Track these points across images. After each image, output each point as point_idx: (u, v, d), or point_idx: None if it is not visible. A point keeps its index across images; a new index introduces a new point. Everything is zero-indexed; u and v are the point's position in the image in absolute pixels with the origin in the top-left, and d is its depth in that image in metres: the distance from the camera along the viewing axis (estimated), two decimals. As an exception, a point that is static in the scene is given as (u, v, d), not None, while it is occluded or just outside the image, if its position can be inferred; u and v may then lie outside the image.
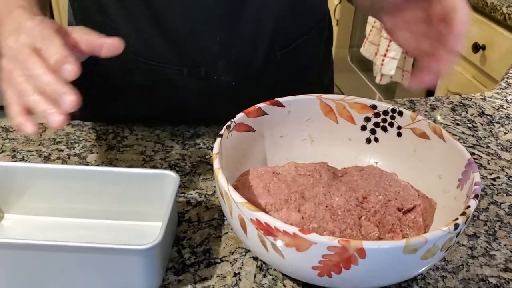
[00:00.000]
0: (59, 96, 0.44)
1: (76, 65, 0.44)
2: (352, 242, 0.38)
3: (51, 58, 0.44)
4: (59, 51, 0.44)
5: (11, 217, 0.54)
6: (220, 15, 0.63)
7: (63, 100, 0.43)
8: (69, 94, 0.43)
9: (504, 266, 0.52)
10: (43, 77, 0.44)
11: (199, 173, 0.63)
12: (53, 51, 0.45)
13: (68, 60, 0.44)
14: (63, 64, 0.44)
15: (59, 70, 0.44)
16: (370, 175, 0.54)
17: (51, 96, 0.44)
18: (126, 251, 0.43)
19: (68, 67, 0.44)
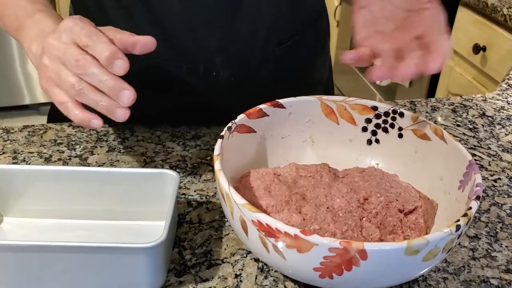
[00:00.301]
0: (118, 92, 0.45)
1: (126, 60, 0.45)
2: (353, 243, 0.38)
3: (102, 54, 0.45)
4: (108, 47, 0.45)
5: (10, 220, 0.54)
6: (218, 11, 0.64)
7: (123, 95, 0.45)
8: (127, 90, 0.45)
9: (505, 267, 0.52)
10: (99, 75, 0.45)
11: (200, 174, 0.63)
12: (102, 48, 0.45)
13: (118, 56, 0.45)
14: (114, 59, 0.45)
15: (111, 66, 0.45)
16: (371, 177, 0.54)
17: (110, 93, 0.45)
18: (131, 250, 0.43)
19: (119, 63, 0.45)
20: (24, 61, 2.32)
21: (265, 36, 0.68)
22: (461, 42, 1.59)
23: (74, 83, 0.46)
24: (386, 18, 0.55)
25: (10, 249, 0.44)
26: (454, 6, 1.62)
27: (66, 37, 0.47)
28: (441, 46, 0.49)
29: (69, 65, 0.46)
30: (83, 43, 0.46)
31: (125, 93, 0.45)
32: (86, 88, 0.46)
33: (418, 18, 0.52)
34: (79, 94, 0.46)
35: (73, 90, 0.46)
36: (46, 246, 0.44)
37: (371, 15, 0.56)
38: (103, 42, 0.45)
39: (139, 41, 0.48)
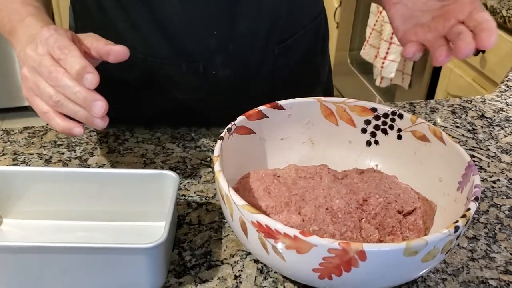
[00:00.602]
0: (90, 103, 0.46)
1: (96, 74, 0.47)
2: (352, 244, 0.38)
3: (72, 68, 0.46)
4: (79, 61, 0.46)
5: (10, 222, 0.55)
6: (217, 10, 0.64)
7: (95, 106, 0.46)
8: (99, 101, 0.46)
9: (504, 268, 0.52)
10: (72, 87, 0.46)
11: (199, 176, 0.63)
12: (73, 62, 0.46)
13: (88, 70, 0.46)
14: (84, 74, 0.46)
15: (81, 80, 0.46)
16: (370, 178, 0.54)
17: (83, 104, 0.47)
18: (131, 251, 0.44)
19: (89, 77, 0.46)
20: (24, 62, 2.32)
21: (265, 35, 0.69)
22: (460, 43, 1.59)
23: (52, 94, 0.48)
24: (422, 10, 0.55)
25: (10, 250, 0.44)
26: (453, 8, 1.62)
27: (41, 48, 0.48)
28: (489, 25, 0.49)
29: (43, 77, 0.48)
30: (56, 56, 0.48)
31: (97, 104, 0.46)
32: (63, 99, 0.47)
33: (456, 5, 0.52)
34: (57, 105, 0.48)
35: (51, 100, 0.48)
36: (46, 247, 0.44)
37: (407, 10, 0.55)
38: (74, 56, 0.47)
39: (111, 50, 0.50)
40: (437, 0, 0.54)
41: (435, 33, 0.52)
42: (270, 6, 0.67)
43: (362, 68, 2.32)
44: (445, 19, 0.52)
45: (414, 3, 0.56)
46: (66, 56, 0.47)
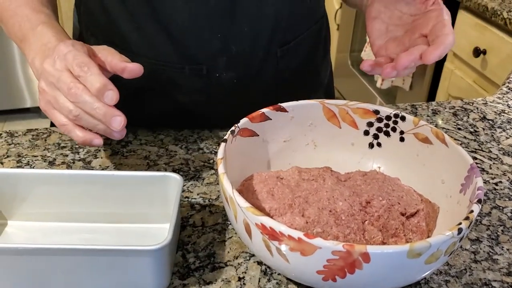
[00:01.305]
0: (109, 119, 0.48)
1: (116, 91, 0.48)
2: (356, 246, 0.38)
3: (93, 86, 0.48)
4: (99, 79, 0.48)
5: (14, 224, 0.55)
6: (219, 12, 0.64)
7: (114, 121, 0.48)
8: (118, 116, 0.48)
9: (507, 270, 0.52)
10: (91, 103, 0.48)
11: (202, 178, 0.63)
12: (93, 79, 0.48)
13: (109, 87, 0.48)
14: (105, 91, 0.48)
15: (101, 97, 0.48)
16: (373, 180, 0.54)
17: (102, 119, 0.48)
18: (136, 252, 0.44)
19: (110, 94, 0.48)
20: (25, 64, 2.33)
21: (267, 38, 0.69)
22: (461, 45, 1.60)
23: (71, 109, 0.49)
24: (396, 24, 0.58)
25: (15, 252, 0.44)
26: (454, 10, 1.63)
27: (60, 64, 0.50)
28: (442, 40, 0.51)
29: (63, 92, 0.49)
30: (75, 73, 0.49)
31: (116, 120, 0.48)
32: (83, 114, 0.49)
33: (424, 19, 0.55)
34: (77, 118, 0.49)
35: (71, 115, 0.49)
36: (51, 249, 0.44)
37: (383, 24, 0.59)
38: (93, 73, 0.48)
39: (126, 68, 0.51)
40: (410, 15, 0.57)
41: (402, 47, 0.55)
42: (272, 8, 0.67)
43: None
44: (412, 33, 0.56)
45: (390, 17, 0.59)
46: (85, 74, 0.48)
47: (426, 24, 0.54)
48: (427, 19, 0.54)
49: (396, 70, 0.52)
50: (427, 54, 0.51)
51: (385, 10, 0.59)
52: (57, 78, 0.49)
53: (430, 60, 0.51)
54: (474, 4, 1.49)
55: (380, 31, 0.59)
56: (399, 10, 0.58)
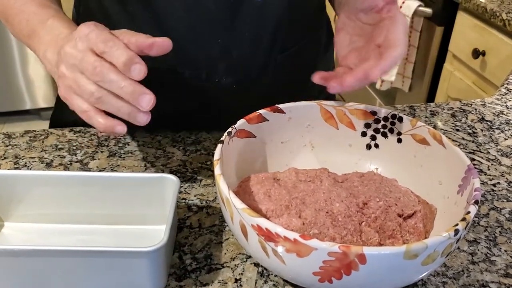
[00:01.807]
0: (137, 97, 0.45)
1: (143, 64, 0.45)
2: (352, 247, 0.38)
3: (119, 60, 0.45)
4: (125, 53, 0.45)
5: (11, 225, 0.55)
6: (220, 18, 0.64)
7: (142, 100, 0.45)
8: (147, 94, 0.45)
9: (504, 271, 0.52)
10: (118, 81, 0.45)
11: (200, 179, 0.63)
12: (119, 54, 0.45)
13: (135, 61, 0.45)
14: (132, 64, 0.45)
15: (128, 71, 0.45)
16: (370, 181, 0.54)
17: (129, 98, 0.45)
18: (132, 254, 0.44)
19: (137, 67, 0.45)
20: (25, 66, 2.33)
21: (268, 43, 0.69)
22: (460, 46, 1.60)
23: (93, 91, 0.46)
24: (359, 35, 0.59)
25: (12, 254, 0.44)
26: (453, 11, 1.63)
27: (82, 44, 0.47)
28: (389, 53, 0.52)
29: (87, 73, 0.46)
30: (100, 50, 0.46)
31: (145, 98, 0.46)
32: (106, 96, 0.46)
33: (378, 29, 0.55)
34: (99, 101, 0.46)
35: (92, 98, 0.46)
36: (48, 250, 0.44)
37: (348, 35, 0.60)
38: (119, 48, 0.45)
39: (155, 43, 0.48)
40: (369, 25, 0.58)
41: (360, 57, 0.56)
42: (273, 14, 0.67)
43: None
44: (368, 43, 0.56)
45: (353, 28, 0.59)
46: (111, 48, 0.45)
47: (379, 34, 0.55)
48: (381, 29, 0.55)
49: (342, 87, 0.53)
50: (371, 72, 0.51)
51: (349, 21, 0.60)
52: (80, 59, 0.46)
53: (374, 77, 0.51)
54: (473, 5, 1.49)
55: (344, 42, 0.59)
56: (360, 21, 0.59)
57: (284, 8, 0.67)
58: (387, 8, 0.56)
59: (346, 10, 0.61)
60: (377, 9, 0.56)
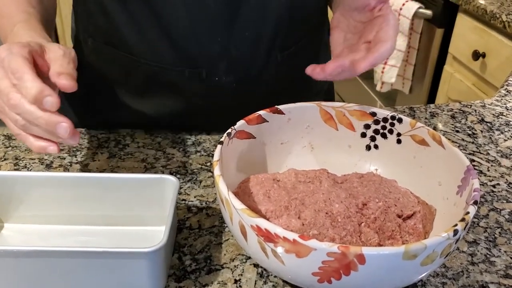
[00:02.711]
0: (54, 127, 0.45)
1: (55, 96, 0.44)
2: (351, 248, 0.38)
3: (28, 93, 0.44)
4: (34, 85, 0.44)
5: (10, 227, 0.55)
6: (220, 17, 0.64)
7: (59, 129, 0.45)
8: (63, 123, 0.44)
9: (504, 272, 0.52)
10: (33, 113, 0.45)
11: (200, 180, 0.63)
12: (29, 86, 0.44)
13: (46, 93, 0.44)
14: (43, 98, 0.44)
15: (40, 104, 0.44)
16: (370, 182, 0.54)
17: (47, 129, 0.45)
18: (131, 255, 0.44)
19: (49, 100, 0.44)
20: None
21: (268, 42, 0.69)
22: (460, 48, 1.60)
23: (16, 119, 0.46)
24: (353, 33, 0.60)
25: (11, 255, 0.44)
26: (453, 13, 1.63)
27: (0, 72, 0.46)
28: (378, 48, 0.53)
29: (4, 103, 0.46)
30: (12, 81, 0.45)
31: (61, 127, 0.45)
32: (28, 123, 0.46)
33: (370, 26, 0.57)
34: (24, 127, 0.46)
35: (18, 124, 0.46)
36: (47, 251, 0.44)
37: (342, 33, 0.61)
38: (28, 80, 0.44)
39: (56, 83, 0.47)
40: (362, 22, 0.59)
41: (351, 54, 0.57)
42: (273, 14, 0.67)
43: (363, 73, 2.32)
44: (360, 40, 0.58)
45: (348, 26, 0.61)
46: (19, 81, 0.45)
47: (371, 31, 0.56)
48: (373, 26, 0.56)
49: (324, 74, 0.54)
50: (357, 64, 0.52)
51: (343, 19, 0.61)
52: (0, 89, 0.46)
53: (359, 69, 0.52)
54: (473, 7, 1.49)
55: (338, 40, 0.61)
56: (353, 19, 0.60)
57: (284, 7, 0.68)
58: (379, 7, 0.57)
59: (341, 9, 0.61)
60: (370, 7, 0.58)
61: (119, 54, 0.69)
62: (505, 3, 1.47)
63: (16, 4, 0.58)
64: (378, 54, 0.53)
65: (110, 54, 0.70)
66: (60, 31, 2.33)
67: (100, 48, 0.71)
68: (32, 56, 0.48)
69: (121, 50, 0.69)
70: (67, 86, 0.46)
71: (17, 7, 0.58)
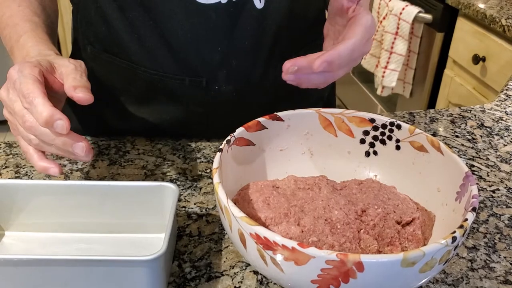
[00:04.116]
0: (70, 147, 0.46)
1: (65, 119, 0.45)
2: (350, 255, 0.38)
3: (39, 118, 0.45)
4: (45, 109, 0.45)
5: (11, 234, 0.55)
6: (221, 26, 0.65)
7: (76, 149, 0.46)
8: (79, 143, 0.46)
9: (504, 278, 0.52)
10: (47, 135, 0.46)
11: (200, 187, 0.63)
12: (40, 110, 0.45)
13: (56, 117, 0.45)
14: (53, 122, 0.45)
15: (51, 128, 0.45)
16: (369, 188, 0.54)
17: (64, 148, 0.46)
18: (131, 263, 0.44)
19: (59, 124, 0.45)
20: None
21: (267, 52, 0.69)
22: (460, 52, 1.60)
23: (31, 139, 0.48)
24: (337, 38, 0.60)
25: (11, 263, 0.44)
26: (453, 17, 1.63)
27: (12, 93, 0.48)
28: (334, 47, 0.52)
29: (20, 125, 0.47)
30: (24, 104, 0.46)
31: (78, 146, 0.46)
32: (42, 143, 0.47)
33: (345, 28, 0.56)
34: (38, 147, 0.48)
35: (32, 144, 0.48)
36: (48, 260, 0.44)
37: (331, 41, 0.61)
38: (39, 104, 0.45)
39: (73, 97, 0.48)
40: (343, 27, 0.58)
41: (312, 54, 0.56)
42: (272, 23, 0.68)
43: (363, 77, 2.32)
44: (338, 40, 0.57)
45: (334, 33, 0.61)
46: (30, 105, 0.45)
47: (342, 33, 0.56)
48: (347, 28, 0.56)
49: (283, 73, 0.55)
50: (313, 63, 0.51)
51: (331, 27, 0.61)
52: (12, 109, 0.47)
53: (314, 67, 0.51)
54: (473, 11, 1.49)
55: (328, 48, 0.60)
56: (338, 24, 0.60)
57: (284, 16, 0.68)
58: (352, 8, 0.56)
59: (328, 17, 0.62)
60: (344, 9, 0.57)
61: (119, 62, 0.69)
62: (505, 7, 1.47)
63: (20, 14, 0.59)
64: (334, 51, 0.51)
65: (110, 62, 0.70)
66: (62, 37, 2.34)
67: (100, 56, 0.71)
68: (43, 75, 0.49)
69: (121, 58, 0.69)
70: (84, 99, 0.47)
71: (22, 17, 0.58)
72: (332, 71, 0.53)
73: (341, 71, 0.54)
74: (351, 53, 0.52)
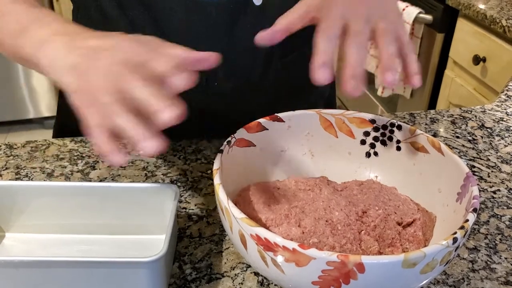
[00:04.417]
0: (161, 110, 0.39)
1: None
2: (351, 257, 0.38)
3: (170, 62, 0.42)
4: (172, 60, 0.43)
5: (12, 236, 0.55)
6: (221, 24, 0.65)
7: (164, 113, 0.39)
8: (173, 106, 0.39)
9: (505, 279, 0.52)
10: (142, 89, 0.39)
11: (200, 188, 0.63)
12: (165, 61, 0.42)
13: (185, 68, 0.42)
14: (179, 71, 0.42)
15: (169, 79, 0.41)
16: (369, 189, 0.54)
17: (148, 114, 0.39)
18: (132, 264, 0.44)
19: (184, 75, 0.42)
20: (28, 75, 2.35)
21: (267, 50, 0.69)
22: (461, 53, 1.60)
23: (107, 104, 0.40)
24: None
25: (12, 265, 0.44)
26: (454, 18, 1.63)
27: (120, 55, 0.43)
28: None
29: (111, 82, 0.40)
30: (143, 58, 0.42)
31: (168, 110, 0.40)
32: (121, 109, 0.39)
33: None
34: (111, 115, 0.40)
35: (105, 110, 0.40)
36: (48, 261, 0.44)
37: None
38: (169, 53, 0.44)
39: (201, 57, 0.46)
40: None
41: None
42: (273, 20, 0.68)
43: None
44: None
45: None
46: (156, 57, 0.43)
47: None
48: None
49: None
50: None
51: None
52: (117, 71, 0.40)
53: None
54: (473, 12, 1.49)
55: None
56: None
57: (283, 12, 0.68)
58: None
59: None
60: None
61: None
62: (505, 8, 1.47)
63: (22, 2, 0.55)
64: None
65: None
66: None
67: None
68: None
69: None
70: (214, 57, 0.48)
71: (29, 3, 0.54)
72: None
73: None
74: None
